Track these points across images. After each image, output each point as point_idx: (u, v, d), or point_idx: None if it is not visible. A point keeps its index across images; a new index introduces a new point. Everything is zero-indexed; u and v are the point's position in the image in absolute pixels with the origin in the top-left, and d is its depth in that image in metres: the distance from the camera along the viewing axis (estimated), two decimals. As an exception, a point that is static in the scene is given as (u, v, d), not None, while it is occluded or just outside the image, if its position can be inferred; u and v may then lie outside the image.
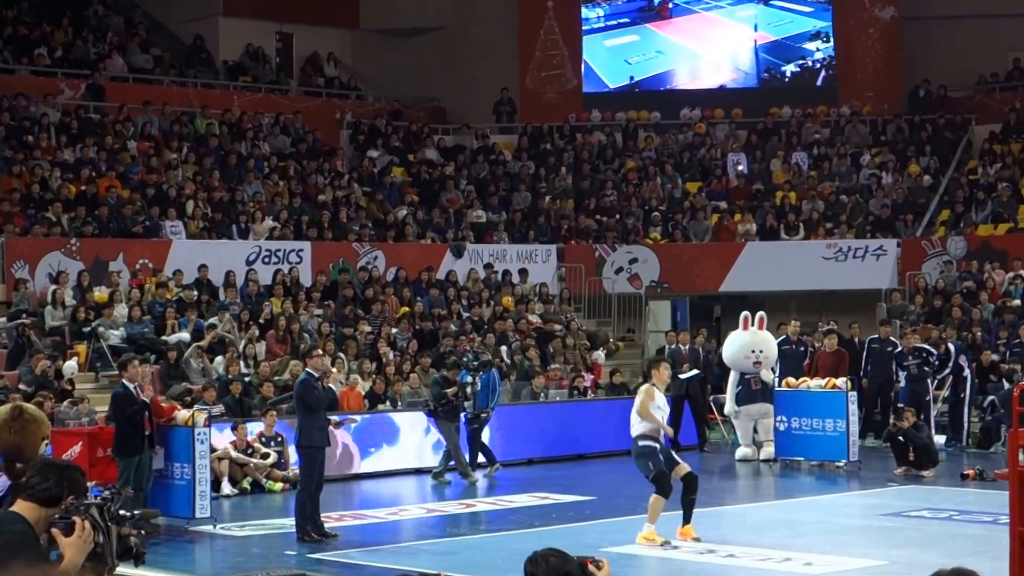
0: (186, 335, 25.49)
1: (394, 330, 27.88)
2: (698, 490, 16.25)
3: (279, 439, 21.51)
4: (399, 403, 24.46)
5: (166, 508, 17.35)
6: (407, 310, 28.90)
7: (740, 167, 36.51)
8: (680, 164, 36.90)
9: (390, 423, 23.41)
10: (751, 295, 32.11)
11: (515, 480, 22.57)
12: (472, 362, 22.69)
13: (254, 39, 38.60)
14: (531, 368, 27.60)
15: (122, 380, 17.62)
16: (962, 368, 25.67)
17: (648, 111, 38.63)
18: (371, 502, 20.44)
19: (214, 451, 19.61)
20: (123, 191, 29.56)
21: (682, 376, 25.51)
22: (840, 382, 23.42)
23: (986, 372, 26.67)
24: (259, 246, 29.35)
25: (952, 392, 25.94)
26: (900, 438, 22.20)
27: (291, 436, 19.34)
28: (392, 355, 26.56)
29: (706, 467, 23.25)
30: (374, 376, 25.06)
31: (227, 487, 20.68)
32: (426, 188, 35.04)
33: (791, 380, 24.12)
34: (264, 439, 21.52)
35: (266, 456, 21.33)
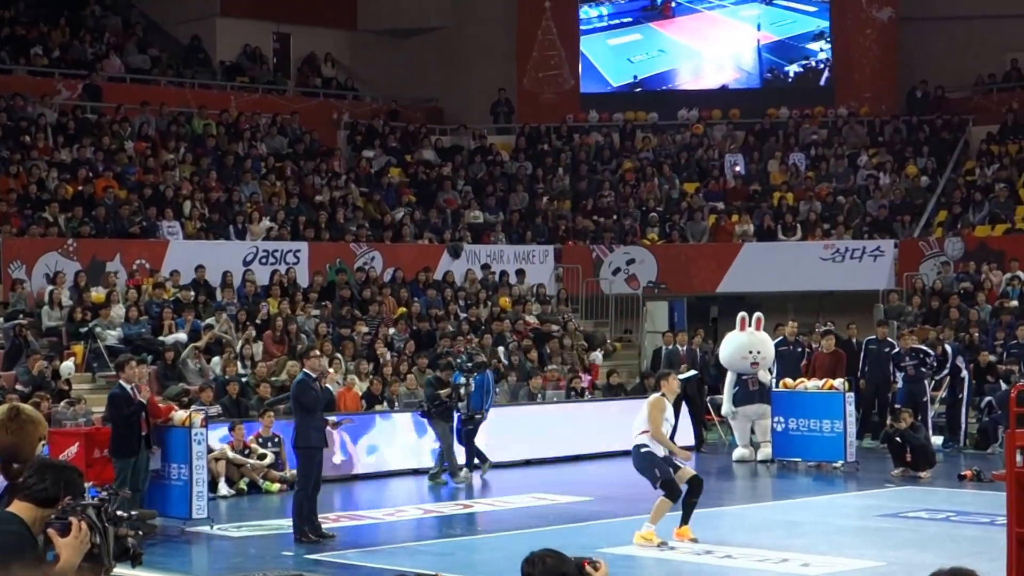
0: (183, 335, 25.47)
1: (391, 331, 27.87)
2: (701, 493, 16.24)
3: (276, 440, 21.50)
4: (396, 404, 24.45)
5: (163, 509, 17.32)
6: (404, 311, 28.89)
7: (737, 168, 36.52)
8: (677, 165, 36.90)
9: (387, 424, 23.38)
10: (748, 296, 32.10)
11: (512, 481, 22.56)
12: (466, 363, 22.54)
13: (251, 39, 38.59)
14: (533, 369, 27.61)
15: (119, 381, 17.60)
16: (959, 369, 25.67)
17: (646, 112, 38.63)
18: (368, 503, 20.43)
19: (211, 452, 19.59)
20: (120, 191, 29.55)
21: (680, 377, 25.44)
22: (837, 383, 23.41)
23: (983, 373, 26.67)
24: (256, 247, 29.34)
25: (950, 393, 25.93)
26: (897, 439, 22.19)
27: (289, 437, 19.31)
28: (389, 356, 26.55)
29: (703, 468, 23.18)
30: (371, 377, 25.04)
31: (224, 488, 20.67)
32: (423, 189, 35.04)
33: (788, 381, 24.12)
34: (261, 440, 21.50)
35: (263, 457, 21.31)
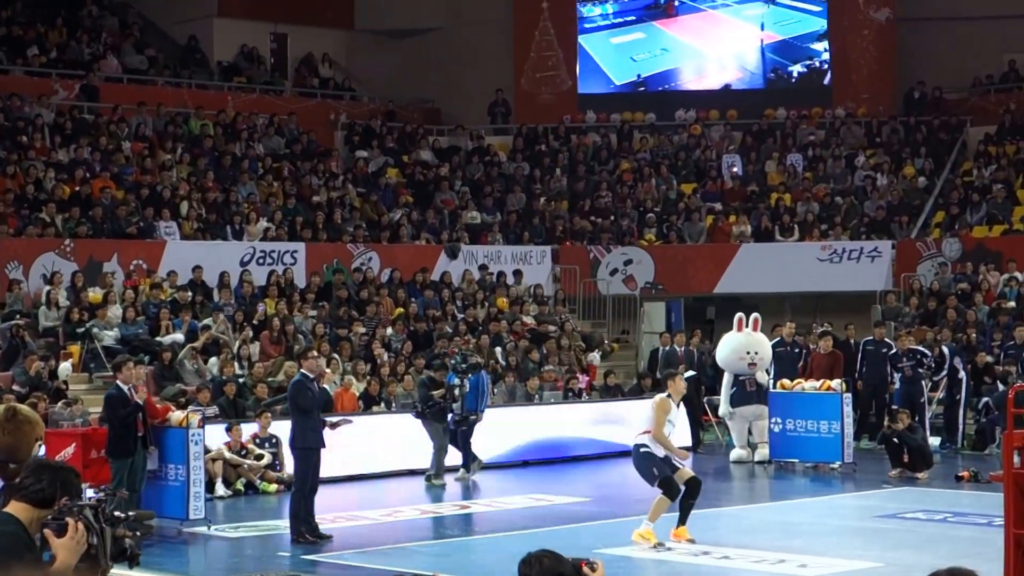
0: (180, 336, 25.46)
1: (388, 331, 27.85)
2: (698, 495, 16.24)
3: (273, 440, 21.46)
4: (393, 405, 24.42)
5: (160, 509, 17.27)
6: (402, 311, 28.88)
7: (735, 169, 36.51)
8: (675, 165, 36.91)
9: (384, 425, 23.35)
10: (746, 297, 32.10)
11: (510, 482, 22.55)
12: (460, 364, 22.39)
13: (248, 40, 38.57)
14: (534, 369, 27.62)
15: (116, 381, 17.58)
16: (957, 370, 25.67)
17: (643, 112, 38.63)
18: (365, 504, 20.40)
19: (208, 452, 19.58)
20: (117, 192, 29.54)
21: (678, 378, 25.42)
22: (835, 384, 23.40)
23: (981, 374, 26.66)
24: (253, 247, 29.33)
25: (947, 394, 25.92)
26: (895, 440, 22.18)
27: (286, 437, 19.29)
28: (386, 356, 26.53)
29: (700, 469, 23.07)
30: (368, 377, 25.02)
31: (221, 488, 20.64)
32: (421, 189, 35.04)
33: (786, 382, 24.10)
34: (258, 440, 21.48)
35: (260, 457, 21.29)
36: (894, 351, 25.77)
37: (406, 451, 23.01)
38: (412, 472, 22.88)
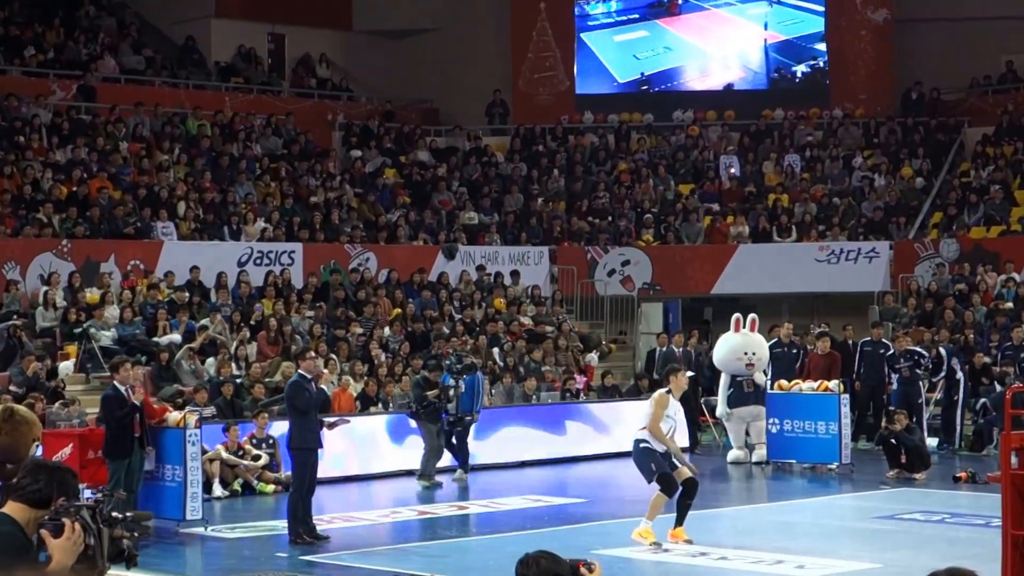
0: (177, 336, 25.44)
1: (386, 331, 27.84)
2: (695, 495, 16.24)
3: (270, 441, 21.45)
4: (391, 405, 24.39)
5: (157, 510, 17.24)
6: (399, 312, 28.87)
7: (732, 170, 36.48)
8: (672, 166, 36.89)
9: (382, 425, 23.34)
10: (743, 297, 32.13)
11: (507, 482, 22.53)
12: (455, 364, 22.33)
13: (246, 40, 38.54)
14: (535, 369, 27.61)
15: (113, 382, 17.57)
16: (955, 371, 25.67)
17: (641, 113, 38.62)
18: (363, 504, 20.40)
19: (205, 453, 19.56)
20: (114, 192, 29.52)
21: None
22: (832, 385, 23.39)
23: (978, 375, 26.66)
24: (251, 247, 29.32)
25: (945, 395, 25.92)
26: (892, 441, 22.17)
27: (283, 438, 19.28)
28: (384, 357, 26.52)
29: (698, 470, 23.20)
30: (366, 378, 25.01)
31: (218, 489, 20.63)
32: (418, 189, 35.02)
33: (783, 383, 24.08)
34: (255, 441, 21.46)
35: (257, 458, 21.27)
36: (892, 352, 25.76)
37: (404, 452, 23.01)
38: (410, 473, 22.86)
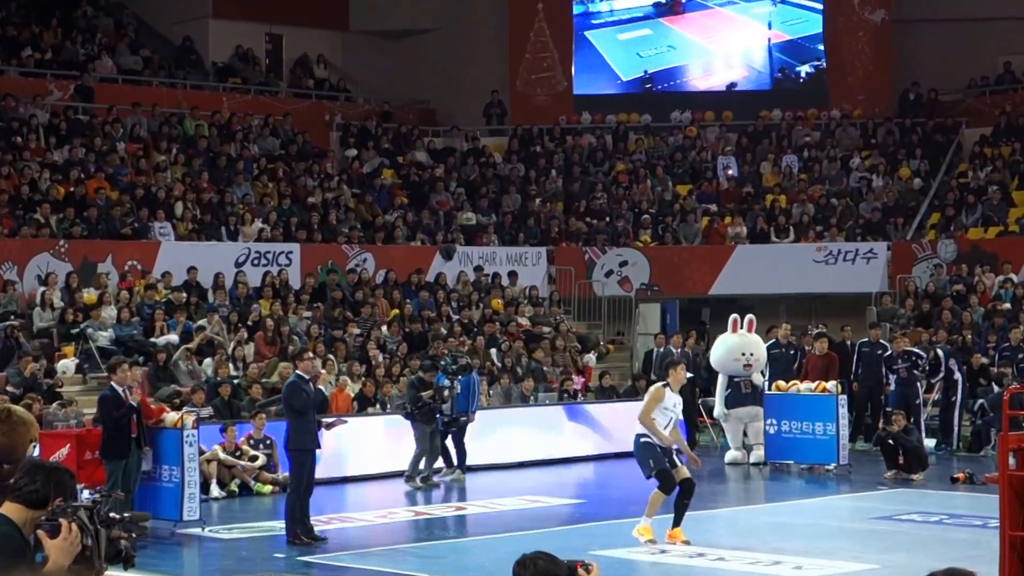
0: (175, 337, 25.43)
1: (383, 329, 27.83)
2: (693, 495, 16.24)
3: (268, 442, 21.43)
4: (388, 406, 24.37)
5: (154, 510, 17.22)
6: (397, 312, 28.85)
7: (730, 171, 36.47)
8: (670, 166, 36.88)
9: (379, 426, 23.32)
10: (741, 298, 32.13)
11: (504, 483, 22.51)
12: (450, 365, 22.23)
13: (244, 41, 38.53)
14: (538, 369, 27.60)
15: (111, 383, 17.54)
16: (952, 372, 25.66)
17: (639, 113, 38.60)
18: (360, 505, 20.39)
19: (202, 453, 19.54)
20: (112, 192, 29.50)
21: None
22: (830, 385, 23.39)
23: (976, 376, 26.66)
24: (248, 248, 29.31)
25: (943, 396, 25.92)
26: (890, 442, 22.17)
27: (281, 439, 19.25)
28: (381, 357, 26.50)
29: (695, 471, 23.17)
30: (363, 378, 24.99)
31: (215, 489, 20.61)
32: (416, 190, 35.00)
33: (781, 383, 24.08)
34: (252, 441, 21.44)
35: (254, 458, 21.25)
36: (889, 353, 25.75)
37: (402, 453, 22.98)
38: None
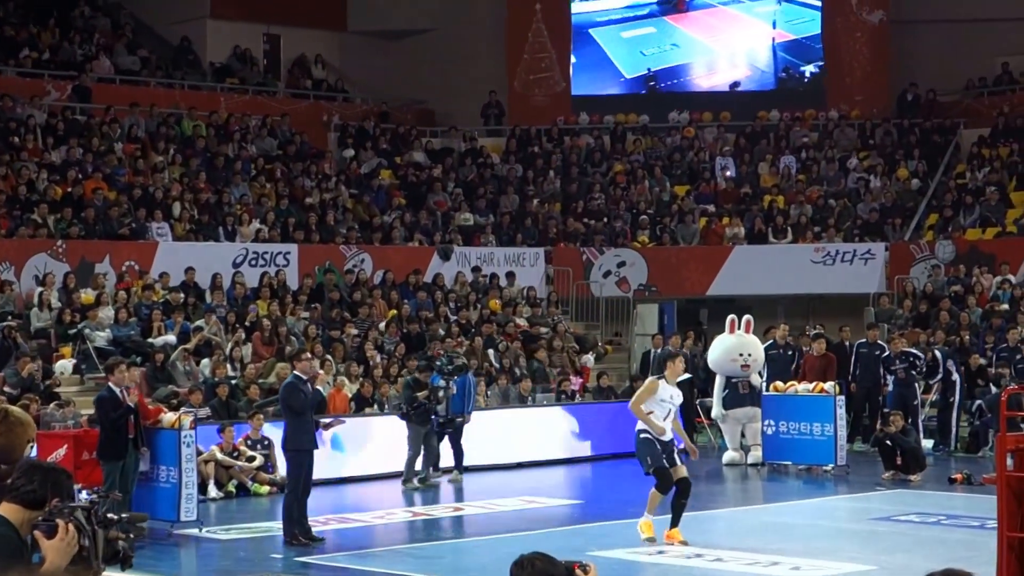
0: (172, 337, 25.41)
1: (382, 325, 27.82)
2: (690, 495, 16.24)
3: (265, 442, 21.41)
4: (386, 406, 24.35)
5: (151, 511, 17.21)
6: (395, 313, 28.84)
7: (728, 173, 36.47)
8: (668, 167, 36.88)
9: (377, 426, 23.30)
10: (739, 299, 32.13)
11: (502, 484, 22.50)
12: (446, 365, 22.16)
13: (241, 41, 38.52)
14: (540, 370, 27.58)
15: (108, 383, 17.52)
16: (950, 373, 25.67)
17: (636, 114, 38.59)
18: (358, 506, 20.38)
19: (200, 454, 19.52)
20: (109, 193, 29.48)
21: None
22: (828, 386, 23.38)
23: (974, 376, 26.66)
24: (246, 248, 29.30)
25: (941, 397, 25.92)
26: (888, 442, 22.17)
27: (279, 439, 19.23)
28: (379, 358, 26.48)
29: (693, 471, 23.09)
30: (361, 379, 24.97)
31: (213, 490, 20.60)
32: (413, 191, 34.99)
33: (779, 384, 24.08)
34: (250, 442, 21.42)
35: (251, 459, 21.24)
36: (887, 353, 25.75)
37: (400, 453, 22.96)
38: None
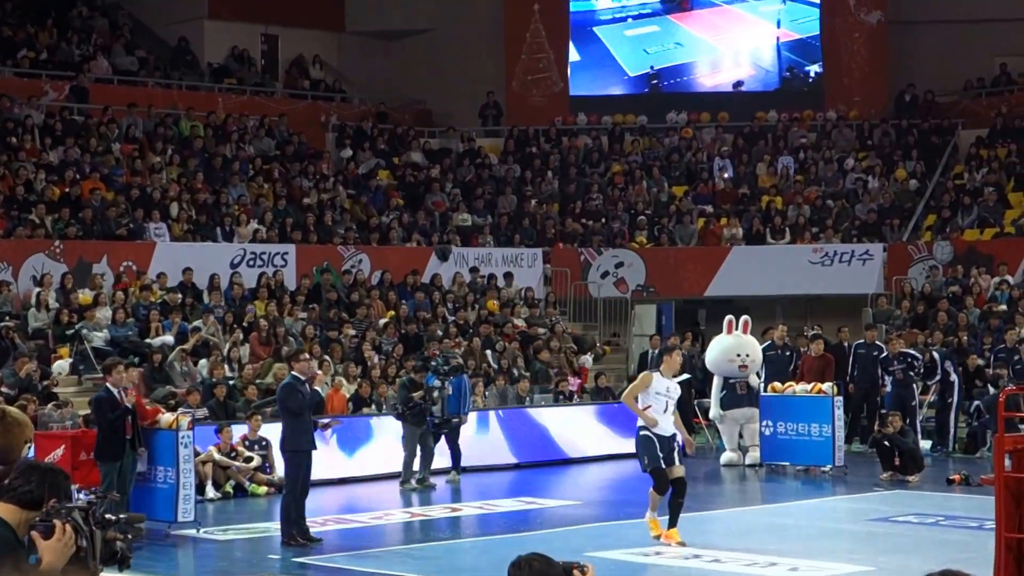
0: (170, 338, 25.40)
1: (381, 324, 27.80)
2: (686, 495, 16.23)
3: (263, 443, 21.40)
4: (384, 407, 24.33)
5: (149, 511, 17.21)
6: (393, 314, 28.83)
7: (726, 174, 36.47)
8: (666, 168, 36.88)
9: (375, 427, 23.29)
10: (736, 299, 32.13)
11: (500, 484, 22.50)
12: (442, 366, 22.07)
13: (239, 41, 38.51)
14: (542, 370, 27.56)
15: (106, 384, 17.50)
16: (949, 374, 25.66)
17: (634, 115, 38.59)
18: (356, 506, 20.37)
19: (198, 454, 19.50)
20: (107, 193, 29.46)
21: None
22: (826, 387, 23.37)
23: (972, 377, 26.65)
24: (244, 249, 29.29)
25: (939, 398, 25.91)
26: (886, 443, 22.16)
27: (277, 440, 19.21)
28: (377, 359, 26.47)
29: (691, 472, 22.96)
30: (359, 379, 24.96)
31: (211, 491, 20.59)
32: (411, 191, 34.98)
33: (777, 385, 24.07)
34: (248, 443, 21.41)
35: (249, 460, 21.23)
36: (885, 354, 25.74)
37: (398, 454, 22.95)
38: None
